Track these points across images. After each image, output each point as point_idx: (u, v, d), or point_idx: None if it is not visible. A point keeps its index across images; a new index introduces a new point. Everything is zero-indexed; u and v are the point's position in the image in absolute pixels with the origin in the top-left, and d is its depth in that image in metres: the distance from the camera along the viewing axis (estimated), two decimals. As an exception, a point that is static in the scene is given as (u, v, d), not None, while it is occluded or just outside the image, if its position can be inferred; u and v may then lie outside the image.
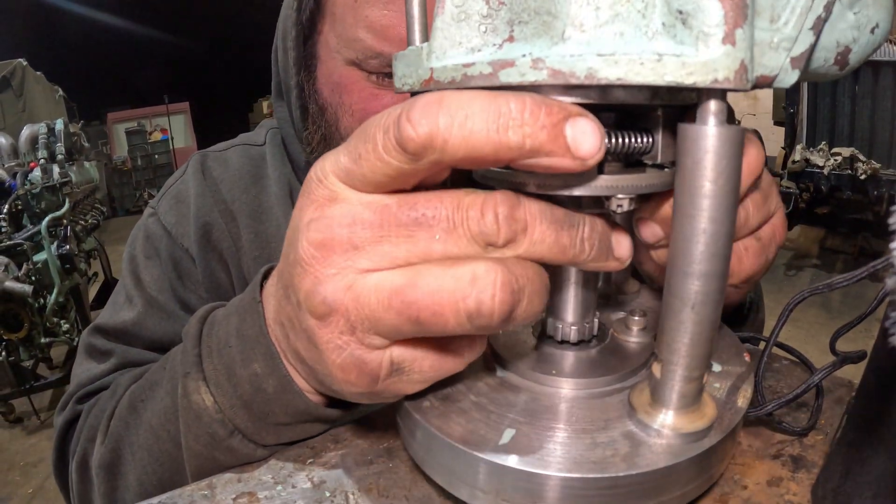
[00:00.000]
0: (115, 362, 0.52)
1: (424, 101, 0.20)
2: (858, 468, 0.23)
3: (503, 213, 0.21)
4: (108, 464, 0.40)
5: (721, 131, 0.19)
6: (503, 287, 0.21)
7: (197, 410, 0.32)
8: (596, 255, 0.24)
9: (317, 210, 0.24)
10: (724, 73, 0.18)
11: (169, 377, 0.37)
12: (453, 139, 0.20)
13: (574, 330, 0.29)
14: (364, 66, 0.46)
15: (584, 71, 0.19)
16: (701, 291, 0.21)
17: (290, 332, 0.27)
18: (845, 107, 3.40)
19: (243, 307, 0.32)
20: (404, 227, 0.22)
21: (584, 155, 0.20)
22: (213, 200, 0.58)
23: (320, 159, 0.25)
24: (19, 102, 6.24)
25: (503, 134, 0.20)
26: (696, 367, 0.23)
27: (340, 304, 0.23)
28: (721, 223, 0.20)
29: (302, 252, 0.23)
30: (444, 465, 0.26)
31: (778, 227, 0.32)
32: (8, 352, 2.48)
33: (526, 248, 0.22)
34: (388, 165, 0.21)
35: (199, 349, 0.33)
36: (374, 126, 0.22)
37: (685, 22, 0.19)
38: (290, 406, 0.30)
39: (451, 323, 0.21)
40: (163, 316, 0.55)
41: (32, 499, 2.14)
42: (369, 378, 0.24)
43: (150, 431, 0.37)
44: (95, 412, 0.46)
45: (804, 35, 0.21)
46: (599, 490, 0.23)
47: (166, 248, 0.57)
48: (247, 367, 0.31)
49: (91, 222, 3.50)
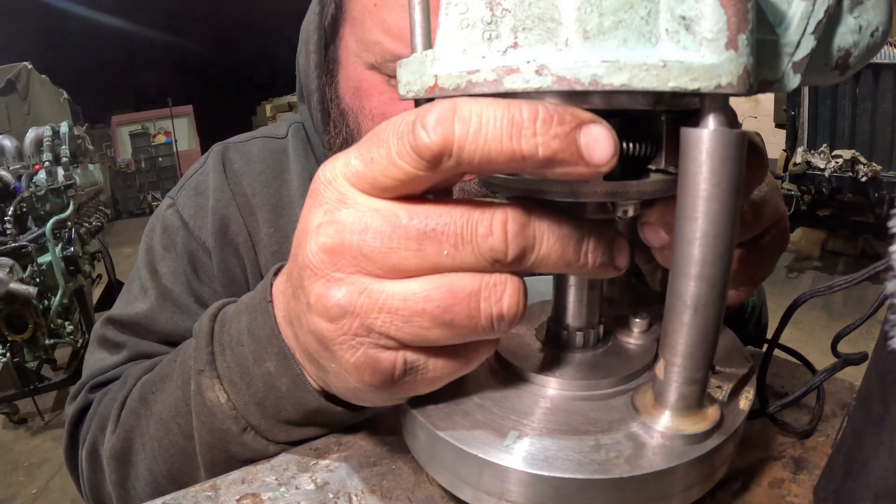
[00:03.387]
0: (127, 354, 0.53)
1: (439, 109, 0.20)
2: (859, 470, 0.23)
3: (512, 230, 0.22)
4: (119, 453, 0.40)
5: (722, 134, 0.19)
6: (515, 294, 0.23)
7: (211, 407, 0.33)
8: (599, 265, 0.24)
9: (326, 213, 0.24)
10: (728, 79, 0.19)
11: (180, 371, 0.37)
12: (468, 147, 0.20)
13: (579, 335, 0.29)
14: (383, 70, 0.47)
15: (588, 77, 0.19)
16: (703, 293, 0.21)
17: (298, 331, 0.28)
18: (846, 109, 3.39)
19: (254, 306, 0.32)
20: (413, 240, 0.22)
21: (598, 162, 0.20)
22: (233, 193, 0.58)
23: (329, 160, 0.25)
24: (24, 105, 6.26)
25: (516, 142, 0.20)
26: (699, 368, 0.23)
27: (355, 306, 0.23)
28: (722, 225, 0.20)
29: (311, 256, 0.24)
30: (447, 467, 0.26)
31: (782, 231, 0.33)
32: (12, 353, 2.49)
33: (532, 264, 0.23)
34: (402, 171, 0.21)
35: (211, 347, 0.33)
36: (388, 131, 0.22)
37: (688, 28, 0.19)
38: (303, 404, 0.31)
39: (483, 326, 0.23)
40: (175, 309, 0.55)
41: (36, 499, 2.15)
42: (383, 377, 0.24)
43: (161, 423, 0.38)
44: (106, 402, 0.46)
45: (806, 40, 0.21)
46: (603, 491, 0.23)
47: (183, 241, 0.57)
48: (260, 366, 0.31)
49: (95, 224, 3.51)
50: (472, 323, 0.22)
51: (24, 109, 6.25)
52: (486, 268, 0.22)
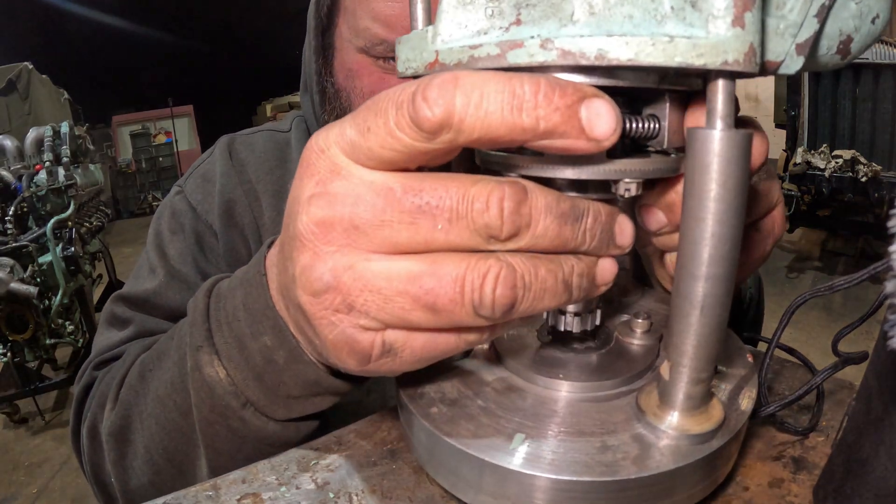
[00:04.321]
0: (134, 330, 0.54)
1: (440, 80, 0.20)
2: (859, 469, 0.23)
3: (509, 207, 0.21)
4: (118, 431, 0.41)
5: (730, 135, 0.19)
6: (505, 281, 0.21)
7: (210, 383, 0.33)
8: (597, 244, 0.24)
9: (318, 185, 0.23)
10: (734, 56, 0.18)
11: (176, 348, 0.38)
12: (469, 119, 0.20)
13: (577, 320, 0.29)
14: (371, 52, 0.50)
15: (594, 51, 0.19)
16: (709, 294, 0.21)
17: (288, 303, 0.27)
18: (846, 109, 3.39)
19: (248, 280, 0.32)
20: (407, 213, 0.22)
21: (599, 136, 0.20)
22: (238, 180, 0.61)
23: (323, 129, 0.24)
24: (25, 105, 6.27)
25: (517, 115, 0.19)
26: (704, 368, 0.23)
27: (339, 282, 0.23)
28: (729, 226, 0.20)
29: (301, 227, 0.23)
30: (453, 472, 0.26)
31: (777, 219, 0.33)
32: (13, 353, 2.49)
33: (527, 242, 0.22)
34: (400, 142, 0.21)
35: (208, 324, 0.33)
36: (386, 100, 0.21)
37: (694, 5, 0.19)
38: (301, 376, 0.31)
39: (467, 312, 0.22)
40: (183, 287, 0.56)
41: (37, 499, 2.15)
42: (360, 356, 0.24)
43: (158, 401, 0.38)
44: (107, 380, 0.47)
45: (809, 22, 0.21)
46: (610, 493, 0.23)
47: (190, 223, 0.59)
48: (257, 340, 0.31)
49: (96, 224, 3.51)
50: (455, 308, 0.22)
51: (24, 109, 6.25)
52: (480, 245, 0.22)
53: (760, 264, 0.35)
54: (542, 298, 0.22)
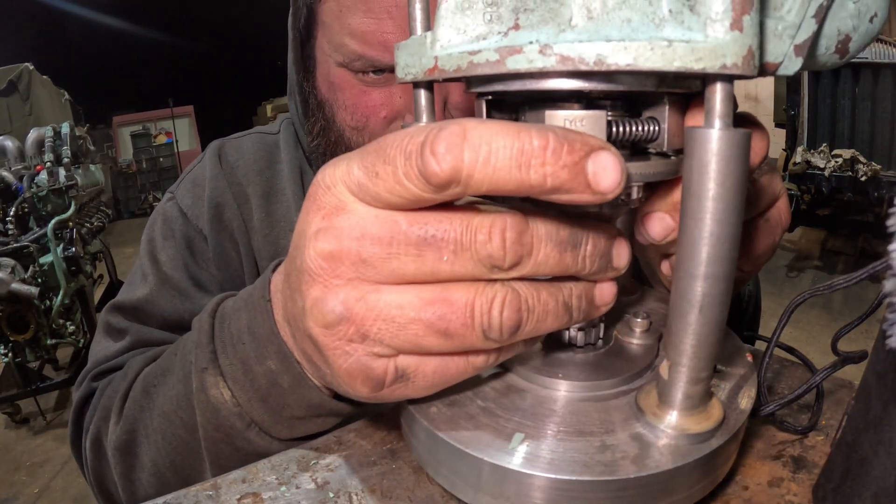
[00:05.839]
0: (130, 340, 0.54)
1: (449, 133, 0.20)
2: (858, 468, 0.23)
3: (511, 237, 0.22)
4: (124, 445, 0.41)
5: (728, 134, 0.19)
6: (510, 305, 0.22)
7: (215, 404, 0.33)
8: (596, 269, 0.24)
9: (324, 219, 0.24)
10: (733, 59, 0.18)
11: (180, 365, 0.38)
12: (477, 175, 0.20)
13: (580, 334, 0.29)
14: (350, 68, 0.50)
15: (593, 57, 0.19)
16: (708, 293, 0.21)
17: (295, 332, 0.28)
18: (846, 109, 3.39)
19: (253, 304, 0.33)
20: (413, 245, 0.22)
21: (605, 190, 0.20)
22: (228, 183, 0.61)
23: (329, 165, 0.25)
24: (26, 106, 6.28)
25: (525, 172, 0.20)
26: (704, 367, 0.23)
27: (352, 313, 0.23)
28: (727, 225, 0.20)
29: (309, 261, 0.24)
30: (453, 471, 0.26)
31: (783, 209, 0.33)
32: (14, 353, 2.49)
33: (529, 270, 0.23)
34: (408, 191, 0.21)
35: (213, 345, 0.34)
36: (395, 147, 0.22)
37: (692, 8, 0.19)
38: (305, 399, 0.31)
39: (478, 335, 0.23)
40: (175, 293, 0.57)
41: (38, 499, 2.15)
42: (374, 383, 0.25)
43: (164, 417, 0.38)
44: (109, 392, 0.47)
45: (807, 23, 0.21)
46: (609, 492, 0.23)
47: (181, 229, 0.60)
48: (261, 364, 0.32)
49: (97, 225, 3.51)
50: (466, 332, 0.22)
51: (25, 110, 6.26)
52: (484, 274, 0.22)
53: (770, 256, 0.35)
54: (545, 320, 0.23)
